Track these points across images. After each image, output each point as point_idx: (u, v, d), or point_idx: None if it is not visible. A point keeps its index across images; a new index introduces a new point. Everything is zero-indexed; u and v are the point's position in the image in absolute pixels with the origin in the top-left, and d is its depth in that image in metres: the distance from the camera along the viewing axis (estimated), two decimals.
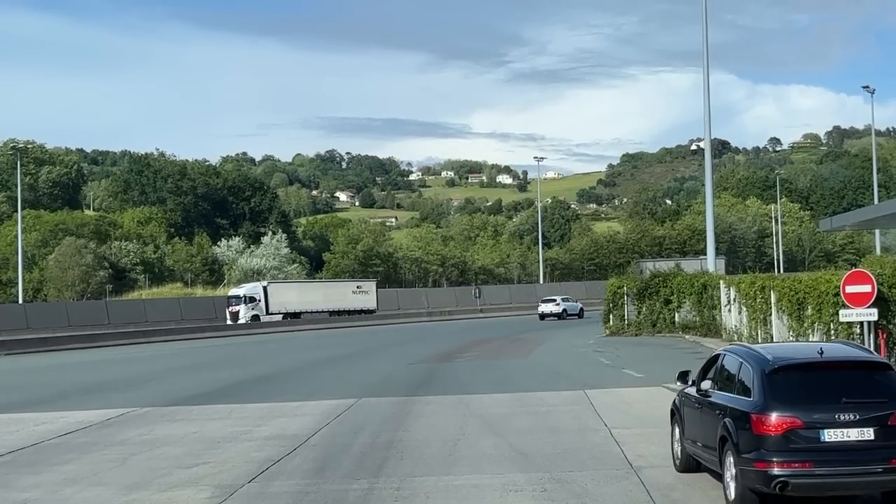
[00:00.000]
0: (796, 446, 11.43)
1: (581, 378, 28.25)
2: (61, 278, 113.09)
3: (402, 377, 31.77)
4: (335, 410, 22.84)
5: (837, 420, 11.45)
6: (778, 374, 11.91)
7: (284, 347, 53.31)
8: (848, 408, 11.50)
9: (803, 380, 11.93)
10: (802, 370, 12.08)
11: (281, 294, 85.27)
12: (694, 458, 13.93)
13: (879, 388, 11.83)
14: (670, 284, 46.44)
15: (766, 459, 11.45)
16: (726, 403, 12.47)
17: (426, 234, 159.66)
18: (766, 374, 11.92)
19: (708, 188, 52.81)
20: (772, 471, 11.40)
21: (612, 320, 49.57)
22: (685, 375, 14.54)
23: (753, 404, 11.78)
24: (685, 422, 14.20)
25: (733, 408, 12.19)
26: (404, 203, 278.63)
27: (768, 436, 11.50)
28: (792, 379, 11.91)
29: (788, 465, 11.38)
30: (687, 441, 14.09)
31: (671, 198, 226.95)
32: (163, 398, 27.48)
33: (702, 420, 13.33)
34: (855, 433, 11.44)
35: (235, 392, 28.90)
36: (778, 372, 11.93)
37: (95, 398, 28.33)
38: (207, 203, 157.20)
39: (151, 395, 28.78)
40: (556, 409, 21.62)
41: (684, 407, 14.30)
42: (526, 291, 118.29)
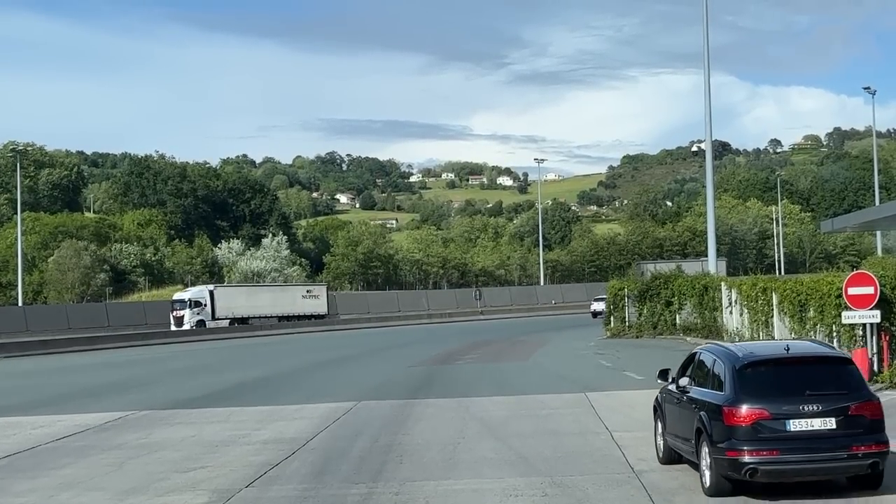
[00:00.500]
0: (764, 436, 12.28)
1: (582, 380, 28.10)
2: (61, 281, 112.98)
3: (401, 380, 31.63)
4: (334, 414, 22.69)
5: (802, 411, 12.32)
6: (747, 370, 12.76)
7: (284, 350, 53.19)
8: (811, 400, 12.38)
9: (771, 374, 12.81)
10: (770, 365, 12.97)
11: (228, 299, 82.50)
12: (675, 450, 14.62)
13: (841, 382, 12.73)
14: (671, 286, 46.27)
15: (737, 448, 12.29)
16: (701, 398, 13.28)
17: (426, 236, 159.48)
18: (737, 369, 12.78)
19: (709, 190, 52.65)
20: (742, 458, 12.25)
21: (613, 322, 49.40)
22: (665, 373, 15.32)
23: (725, 398, 12.62)
24: (666, 416, 14.97)
25: (707, 401, 13.02)
26: (405, 205, 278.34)
27: (739, 426, 12.34)
28: (760, 374, 12.77)
29: (757, 453, 12.23)
30: (668, 435, 14.83)
31: (672, 199, 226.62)
32: (161, 401, 27.34)
33: (680, 414, 14.13)
34: (818, 423, 12.31)
35: (234, 395, 28.75)
36: (747, 367, 12.79)
37: (93, 401, 28.18)
38: (208, 205, 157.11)
39: (150, 398, 28.63)
40: (557, 412, 21.47)
41: (665, 403, 15.09)
42: (526, 293, 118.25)
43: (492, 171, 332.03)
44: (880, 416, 12.65)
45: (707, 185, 53.01)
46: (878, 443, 12.47)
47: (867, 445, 12.37)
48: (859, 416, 12.46)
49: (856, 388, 12.75)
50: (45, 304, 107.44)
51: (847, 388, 12.67)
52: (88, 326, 79.78)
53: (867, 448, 12.36)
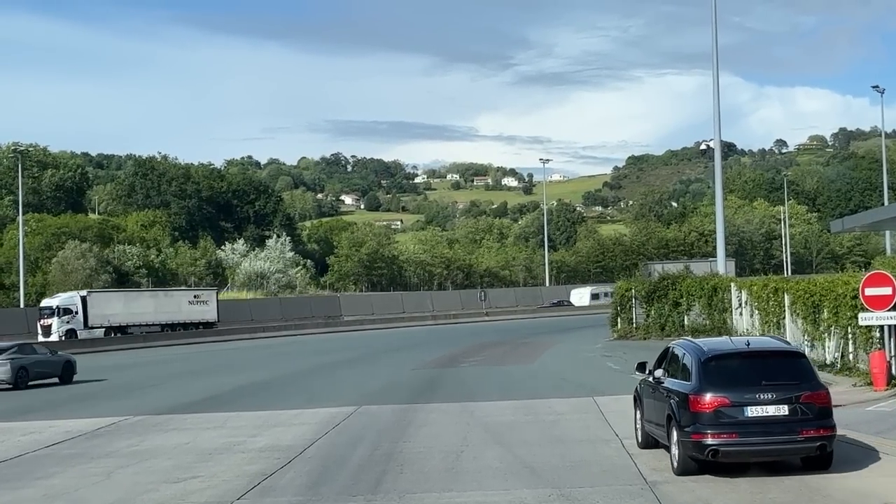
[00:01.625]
0: (725, 421, 13.68)
1: (589, 384, 27.33)
2: (64, 282, 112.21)
3: (404, 383, 30.89)
4: (334, 419, 21.95)
5: (758, 399, 13.72)
6: (711, 362, 14.23)
7: (286, 352, 52.47)
8: (767, 389, 13.79)
9: (731, 366, 14.30)
10: (731, 358, 14.56)
11: (103, 305, 74.03)
12: (651, 436, 16.00)
13: (794, 373, 14.11)
14: (679, 287, 45.46)
15: (701, 432, 13.70)
16: (672, 387, 14.69)
17: (431, 237, 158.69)
18: (702, 362, 14.25)
19: (718, 189, 51.88)
20: (705, 441, 13.65)
21: (620, 324, 48.57)
22: (643, 366, 16.75)
23: (691, 387, 14.05)
24: (644, 405, 16.43)
25: (677, 391, 14.43)
26: (409, 206, 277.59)
27: (703, 412, 13.76)
28: (722, 366, 14.25)
29: (718, 436, 13.60)
30: (645, 422, 16.26)
31: (677, 200, 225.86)
32: (157, 406, 26.62)
33: (655, 403, 15.54)
34: (773, 409, 13.71)
35: (233, 399, 28.03)
36: (711, 360, 14.27)
37: (88, 406, 27.47)
38: (212, 206, 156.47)
39: (146, 402, 27.92)
40: (565, 418, 20.71)
41: (643, 393, 16.61)
42: (531, 294, 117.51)
43: (497, 172, 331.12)
44: (828, 404, 14.03)
45: (716, 185, 52.25)
46: (826, 427, 13.83)
47: (816, 430, 13.73)
48: (809, 404, 13.80)
49: (807, 379, 14.11)
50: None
51: (799, 379, 14.00)
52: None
53: (816, 432, 13.72)
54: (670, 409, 14.39)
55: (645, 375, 16.39)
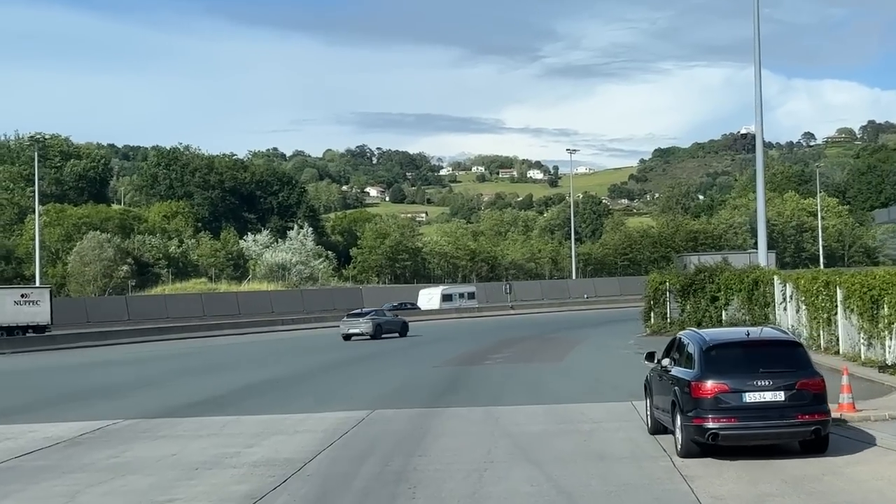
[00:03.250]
0: (724, 406, 14.35)
1: (626, 386, 24.82)
2: (83, 273, 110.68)
3: (423, 383, 28.53)
4: (342, 426, 19.63)
5: (756, 385, 14.42)
6: (712, 351, 14.92)
7: (303, 347, 50.27)
8: (764, 376, 14.48)
9: (731, 355, 14.98)
10: (731, 347, 15.26)
11: None
12: (660, 422, 16.53)
13: (790, 361, 14.79)
14: (717, 280, 42.81)
15: (702, 416, 14.37)
16: (677, 375, 15.34)
17: (456, 230, 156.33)
18: (704, 350, 14.93)
19: (759, 179, 49.42)
20: (705, 425, 14.30)
21: (654, 319, 46.02)
22: (652, 355, 17.41)
23: (693, 374, 14.73)
24: (653, 393, 17.06)
25: (680, 378, 15.06)
26: (434, 199, 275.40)
27: (704, 398, 14.42)
28: (722, 354, 14.94)
29: (718, 420, 14.28)
30: (655, 408, 16.88)
31: (703, 193, 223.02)
32: (153, 407, 24.41)
33: (662, 390, 16.21)
34: (770, 395, 14.40)
35: (237, 400, 25.80)
36: (712, 349, 14.96)
37: (79, 407, 25.30)
38: (235, 197, 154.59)
39: (143, 403, 25.72)
40: (602, 428, 18.31)
41: (652, 381, 17.23)
42: (558, 287, 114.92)
43: (522, 164, 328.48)
44: (823, 391, 14.65)
45: (757, 174, 49.87)
46: (821, 412, 14.50)
47: (811, 415, 14.40)
48: (804, 391, 14.48)
49: (803, 367, 14.79)
50: (67, 297, 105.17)
51: (795, 367, 14.69)
52: (107, 320, 77.25)
53: (811, 417, 14.39)
54: (674, 396, 15.08)
55: (654, 364, 17.12)
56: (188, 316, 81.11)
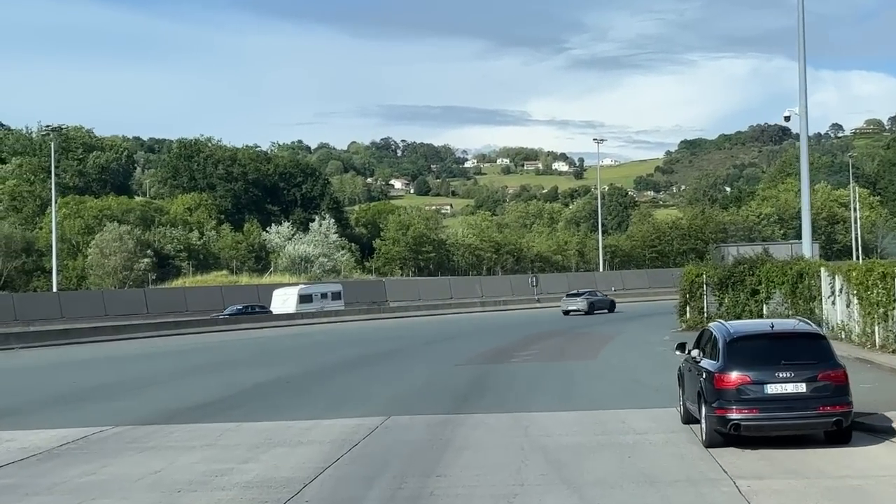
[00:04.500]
0: (746, 397, 14.50)
1: (668, 388, 22.50)
2: (102, 265, 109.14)
3: (445, 383, 26.31)
4: (352, 436, 17.47)
5: (777, 377, 14.53)
6: (735, 343, 15.11)
7: (322, 342, 48.19)
8: (786, 368, 14.58)
9: (754, 347, 15.12)
10: (754, 339, 15.38)
11: None
12: (690, 413, 16.64)
13: (812, 353, 14.88)
14: (758, 273, 40.33)
15: (724, 407, 14.56)
16: (703, 366, 15.57)
17: (481, 222, 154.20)
18: (727, 342, 15.13)
19: (803, 167, 47.17)
20: (727, 416, 14.50)
21: (690, 313, 43.55)
22: (683, 346, 17.69)
23: (717, 366, 14.95)
24: (685, 384, 17.25)
25: (706, 369, 15.31)
26: (459, 191, 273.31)
27: (726, 389, 14.61)
28: (745, 346, 15.10)
29: (740, 411, 14.44)
30: (686, 399, 17.08)
31: (730, 185, 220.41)
32: (149, 411, 22.34)
33: (691, 380, 16.50)
34: (791, 387, 14.50)
35: (242, 402, 23.70)
36: (736, 341, 15.15)
37: (71, 410, 23.26)
38: (258, 189, 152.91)
39: (141, 405, 23.67)
40: (648, 440, 16.05)
41: (684, 372, 17.40)
42: (584, 280, 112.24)
43: (547, 156, 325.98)
44: (844, 382, 14.70)
45: (801, 163, 47.59)
46: (842, 404, 14.53)
47: (832, 406, 14.45)
48: (826, 382, 14.56)
49: (825, 359, 14.84)
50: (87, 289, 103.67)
51: (817, 359, 14.78)
52: (126, 313, 75.63)
53: (832, 408, 14.45)
54: (700, 387, 15.38)
55: (685, 355, 17.28)
56: (208, 309, 79.23)
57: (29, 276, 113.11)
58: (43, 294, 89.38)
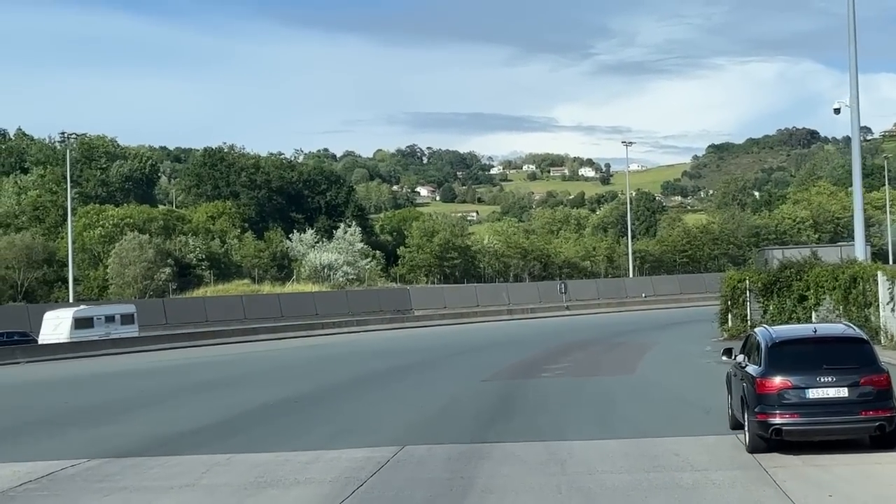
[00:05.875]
0: (787, 402, 14.57)
1: (721, 409, 19.80)
2: (122, 275, 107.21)
3: (469, 404, 23.67)
4: (358, 472, 14.90)
5: (819, 382, 14.57)
6: (777, 347, 15.19)
7: (340, 355, 45.68)
8: (828, 372, 14.61)
9: (796, 351, 15.19)
10: (795, 344, 15.45)
11: None
12: (737, 419, 16.19)
13: (854, 357, 14.90)
14: (806, 277, 37.52)
15: (766, 412, 14.65)
16: (747, 371, 15.59)
17: (507, 228, 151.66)
18: (769, 347, 15.23)
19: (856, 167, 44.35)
20: (769, 421, 14.56)
21: (732, 321, 40.74)
22: (730, 351, 17.24)
23: (759, 370, 15.04)
24: (732, 390, 17.00)
25: (749, 374, 15.36)
26: (485, 197, 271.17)
27: (768, 394, 14.70)
28: (787, 351, 15.16)
29: (781, 416, 14.49)
30: (733, 405, 16.83)
31: (758, 189, 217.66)
32: (136, 438, 19.85)
33: (736, 386, 16.46)
34: (833, 391, 14.52)
35: (243, 427, 21.19)
36: (777, 346, 15.23)
37: (47, 437, 20.82)
38: (282, 197, 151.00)
39: (126, 431, 21.20)
40: (710, 480, 13.37)
41: (732, 377, 16.96)
42: (614, 286, 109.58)
43: (573, 162, 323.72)
44: (887, 387, 14.62)
45: (853, 159, 44.82)
46: (885, 409, 14.43)
47: (874, 410, 14.38)
48: (869, 387, 14.47)
49: (867, 363, 14.77)
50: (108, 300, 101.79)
51: (859, 363, 14.70)
52: (144, 324, 73.48)
53: (874, 413, 14.37)
54: (743, 392, 15.29)
55: (732, 360, 16.86)
56: (228, 319, 77.14)
57: (50, 287, 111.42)
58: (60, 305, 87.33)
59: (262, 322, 74.38)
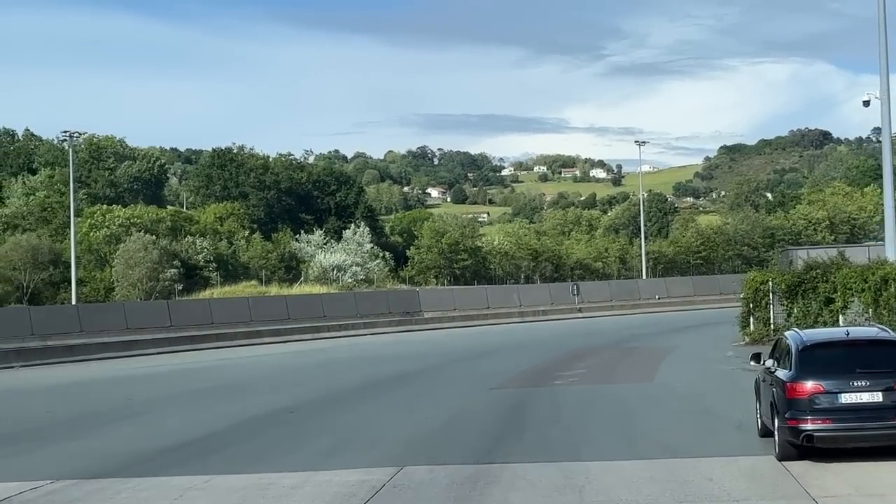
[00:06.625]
0: (819, 407, 13.99)
1: (749, 422, 18.07)
2: (127, 276, 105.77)
3: (476, 416, 21.88)
4: (349, 500, 13.13)
5: (852, 386, 14.03)
6: (808, 351, 14.64)
7: (345, 359, 43.87)
8: (861, 376, 14.07)
9: (827, 355, 14.61)
10: (827, 347, 14.91)
11: None
12: (767, 426, 15.72)
13: (889, 361, 14.28)
14: (833, 278, 35.63)
15: (797, 418, 14.05)
16: (777, 376, 15.02)
17: (518, 229, 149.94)
18: (800, 350, 14.66)
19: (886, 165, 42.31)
20: (800, 427, 13.97)
21: (754, 325, 38.85)
22: (758, 356, 16.89)
23: (790, 375, 14.48)
24: (761, 395, 16.46)
25: (779, 378, 14.81)
26: (496, 199, 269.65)
27: (798, 399, 14.11)
28: (819, 354, 14.60)
29: (813, 421, 13.91)
30: (762, 412, 16.33)
31: (771, 190, 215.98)
32: (110, 455, 18.10)
33: (765, 391, 15.85)
34: (866, 396, 13.99)
35: (227, 441, 19.43)
36: (808, 349, 14.67)
37: (14, 454, 19.04)
38: (291, 198, 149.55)
39: (102, 446, 19.45)
40: None
41: (761, 383, 16.49)
42: (627, 288, 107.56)
43: (585, 163, 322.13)
44: None
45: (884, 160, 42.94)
46: None
47: None
48: None
49: None
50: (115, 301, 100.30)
51: (894, 367, 14.09)
52: (149, 326, 71.70)
53: None
54: (772, 397, 14.79)
55: (761, 366, 16.37)
56: (234, 321, 75.20)
57: (56, 289, 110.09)
58: (62, 307, 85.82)
59: (268, 324, 72.58)
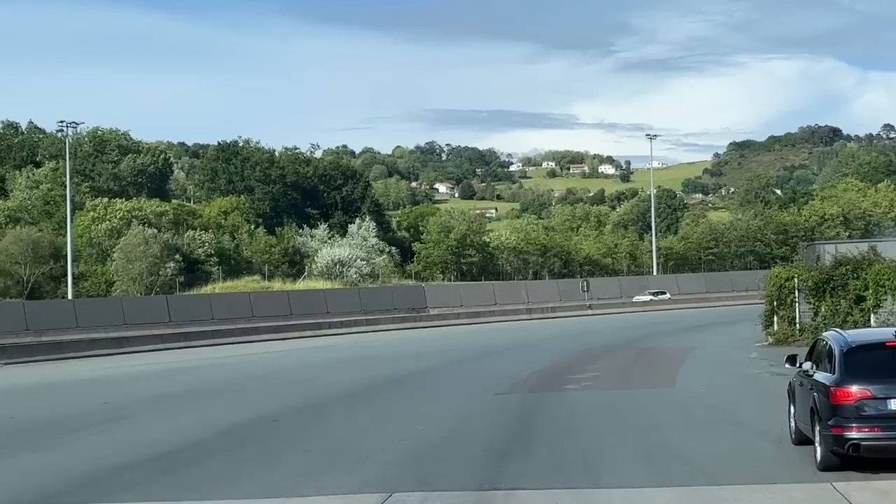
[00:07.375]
0: (866, 414, 13.03)
1: (784, 434, 15.83)
2: (128, 270, 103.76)
3: (479, 427, 19.62)
4: None
5: None
6: (853, 353, 13.58)
7: (344, 359, 41.73)
8: None
9: (875, 357, 13.51)
10: (874, 349, 13.73)
11: None
12: (803, 432, 14.92)
13: None
14: (864, 275, 33.35)
15: (841, 425, 13.07)
16: (816, 380, 14.09)
17: (526, 225, 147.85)
18: (844, 353, 13.61)
19: None
20: (846, 435, 13.03)
21: (778, 324, 36.58)
22: (794, 359, 15.95)
23: (833, 379, 13.45)
24: (796, 400, 15.49)
25: (820, 383, 13.83)
26: (505, 194, 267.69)
27: (843, 405, 13.13)
28: (865, 357, 13.54)
29: (859, 429, 12.98)
30: (797, 418, 15.37)
31: (780, 187, 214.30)
32: (62, 473, 15.91)
33: (802, 396, 14.88)
34: None
35: (197, 457, 17.23)
36: (854, 351, 13.62)
37: None
38: (297, 192, 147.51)
39: (57, 461, 17.25)
40: None
41: (796, 386, 15.59)
42: (638, 284, 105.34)
43: (593, 159, 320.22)
44: None
45: None
46: None
47: None
48: None
49: None
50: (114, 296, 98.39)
51: None
52: (147, 322, 69.61)
53: None
54: (813, 403, 13.90)
55: (796, 368, 15.53)
56: (234, 317, 73.06)
57: (57, 283, 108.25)
58: (58, 302, 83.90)
59: (269, 321, 70.46)
